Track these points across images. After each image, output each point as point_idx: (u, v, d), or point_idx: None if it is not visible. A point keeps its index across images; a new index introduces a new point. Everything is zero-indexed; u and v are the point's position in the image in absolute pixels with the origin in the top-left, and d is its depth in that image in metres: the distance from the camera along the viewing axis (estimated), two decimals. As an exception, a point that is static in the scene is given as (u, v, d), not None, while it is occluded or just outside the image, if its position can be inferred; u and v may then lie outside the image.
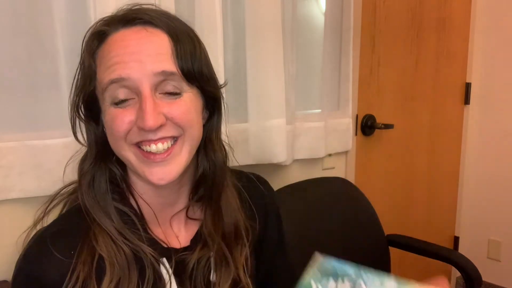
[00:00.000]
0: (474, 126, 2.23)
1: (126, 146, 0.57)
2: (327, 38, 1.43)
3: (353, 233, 1.37)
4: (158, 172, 0.57)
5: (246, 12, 1.16)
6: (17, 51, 0.86)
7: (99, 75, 0.57)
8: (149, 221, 0.64)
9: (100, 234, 0.58)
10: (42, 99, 0.88)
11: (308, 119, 1.39)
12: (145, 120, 0.53)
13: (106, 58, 0.56)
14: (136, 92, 0.55)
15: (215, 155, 0.65)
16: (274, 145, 1.22)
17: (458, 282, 2.31)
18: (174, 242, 0.65)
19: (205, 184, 0.65)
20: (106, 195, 0.61)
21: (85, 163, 0.62)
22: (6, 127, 0.87)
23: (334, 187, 1.44)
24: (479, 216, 2.27)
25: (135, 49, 0.55)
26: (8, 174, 0.84)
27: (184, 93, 0.57)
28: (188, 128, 0.58)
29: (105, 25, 0.58)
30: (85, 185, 0.61)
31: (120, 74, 0.54)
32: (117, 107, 0.56)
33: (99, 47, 0.58)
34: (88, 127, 0.62)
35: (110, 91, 0.55)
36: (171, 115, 0.56)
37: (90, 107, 0.60)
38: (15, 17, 0.85)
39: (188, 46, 0.57)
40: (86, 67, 0.58)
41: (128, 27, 0.57)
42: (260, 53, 1.17)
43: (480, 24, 2.16)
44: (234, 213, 0.68)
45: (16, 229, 0.88)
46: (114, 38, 0.56)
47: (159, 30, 0.57)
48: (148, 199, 0.63)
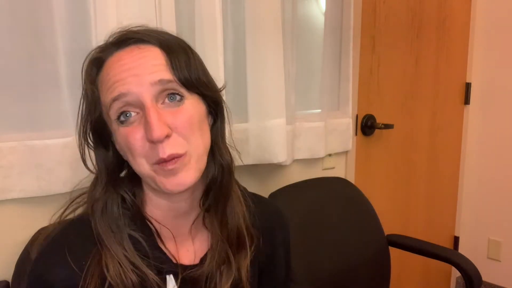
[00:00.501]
0: (474, 126, 2.24)
1: (145, 163, 0.57)
2: (327, 38, 1.43)
3: (353, 233, 1.38)
4: (174, 179, 0.57)
5: (246, 12, 1.16)
6: (17, 51, 0.85)
7: (102, 99, 0.58)
8: (163, 235, 0.64)
9: (110, 259, 0.58)
10: (42, 99, 0.88)
11: (308, 119, 1.39)
12: (152, 130, 0.53)
13: (105, 80, 0.58)
14: (139, 106, 0.56)
15: (222, 158, 0.65)
16: (274, 145, 1.22)
17: (458, 282, 2.31)
18: (184, 256, 0.66)
19: (214, 189, 0.65)
20: (119, 222, 0.61)
21: (96, 190, 0.62)
22: (6, 127, 0.86)
23: (334, 187, 1.44)
24: (479, 216, 2.27)
25: (131, 65, 0.56)
26: (8, 174, 0.84)
27: (185, 100, 0.58)
28: (191, 137, 0.58)
29: (100, 52, 0.60)
30: (98, 212, 0.61)
31: (120, 90, 0.55)
32: (125, 125, 0.57)
33: (98, 73, 0.59)
34: (97, 153, 0.63)
35: (113, 109, 0.56)
36: (175, 125, 0.56)
37: (99, 133, 0.61)
38: (15, 17, 0.85)
39: (181, 56, 0.58)
40: (89, 95, 0.59)
41: (122, 49, 0.58)
42: (260, 53, 1.17)
43: (480, 24, 2.16)
44: (238, 217, 0.68)
45: (16, 229, 0.88)
46: (110, 61, 0.58)
47: (150, 46, 0.58)
48: (162, 214, 0.64)
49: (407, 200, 1.98)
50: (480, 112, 2.22)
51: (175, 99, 0.57)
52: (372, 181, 1.78)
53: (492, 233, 2.24)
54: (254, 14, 1.16)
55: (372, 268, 1.39)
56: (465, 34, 2.15)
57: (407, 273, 1.98)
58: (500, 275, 2.21)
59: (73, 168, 0.90)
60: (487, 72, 2.17)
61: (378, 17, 1.69)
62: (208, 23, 1.03)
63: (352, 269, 1.34)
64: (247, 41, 1.17)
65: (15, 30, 0.85)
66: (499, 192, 2.19)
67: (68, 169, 0.89)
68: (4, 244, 0.87)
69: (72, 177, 0.90)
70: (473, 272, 1.26)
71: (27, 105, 0.88)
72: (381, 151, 1.80)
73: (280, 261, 0.78)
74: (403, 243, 1.46)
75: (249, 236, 0.69)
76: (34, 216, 0.89)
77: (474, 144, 2.24)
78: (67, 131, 0.89)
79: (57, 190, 0.89)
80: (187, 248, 0.67)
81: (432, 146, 2.05)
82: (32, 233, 0.85)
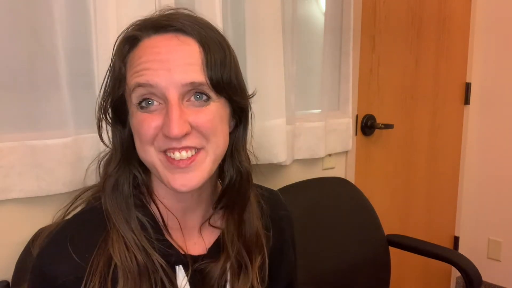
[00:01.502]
0: (474, 126, 2.24)
1: (153, 151, 0.57)
2: (327, 38, 1.43)
3: (353, 233, 1.38)
4: (180, 179, 0.56)
5: (246, 12, 1.16)
6: (17, 51, 0.85)
7: (128, 78, 0.57)
8: (170, 226, 0.64)
9: (117, 241, 0.58)
10: (42, 99, 0.88)
11: (308, 119, 1.39)
12: (170, 127, 0.53)
13: (136, 62, 0.56)
14: (164, 100, 0.55)
15: (241, 165, 0.65)
16: (274, 145, 1.22)
17: (458, 282, 2.31)
18: (192, 249, 0.65)
19: (230, 194, 0.65)
20: (129, 200, 0.61)
21: (110, 166, 0.62)
22: (6, 127, 0.86)
23: (334, 187, 1.44)
24: (479, 216, 2.27)
25: (165, 57, 0.55)
26: (8, 174, 0.84)
27: (211, 102, 0.57)
28: (212, 137, 0.57)
29: (137, 30, 0.58)
30: (109, 188, 0.60)
31: (148, 80, 0.54)
32: (144, 111, 0.56)
33: (130, 51, 0.58)
34: (114, 130, 0.62)
35: (136, 93, 0.56)
36: (196, 123, 0.56)
37: (118, 110, 0.60)
38: (15, 17, 0.85)
39: (218, 55, 0.57)
40: (117, 70, 0.58)
41: (160, 34, 0.57)
42: (260, 53, 1.17)
43: (480, 24, 2.16)
44: (255, 222, 0.68)
45: (16, 229, 0.88)
46: (145, 43, 0.57)
47: (190, 39, 0.57)
48: (169, 204, 0.64)
49: (407, 200, 1.98)
50: (480, 112, 2.22)
51: (201, 98, 0.56)
52: (372, 181, 1.78)
53: (492, 233, 2.24)
54: (254, 14, 1.16)
55: (372, 268, 1.39)
56: (465, 34, 2.15)
57: (407, 273, 1.98)
58: (500, 275, 2.21)
59: (73, 168, 0.90)
60: (487, 72, 2.17)
61: (378, 17, 1.69)
62: (208, 23, 1.03)
63: (352, 269, 1.34)
64: (247, 41, 1.17)
65: (15, 30, 0.85)
66: (499, 192, 2.19)
67: (68, 169, 0.89)
68: (4, 244, 0.87)
69: (72, 177, 0.90)
70: (473, 272, 1.26)
71: (27, 105, 0.87)
72: (381, 151, 1.80)
73: (287, 254, 0.77)
74: (403, 243, 1.46)
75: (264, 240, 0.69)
76: (34, 216, 0.89)
77: (474, 144, 2.24)
78: (67, 131, 0.89)
79: (57, 190, 0.88)
80: (195, 241, 0.66)
81: (432, 146, 2.05)
82: (32, 233, 0.85)
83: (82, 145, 0.92)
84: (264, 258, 0.69)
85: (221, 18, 1.04)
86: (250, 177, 0.67)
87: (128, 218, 0.59)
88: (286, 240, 0.77)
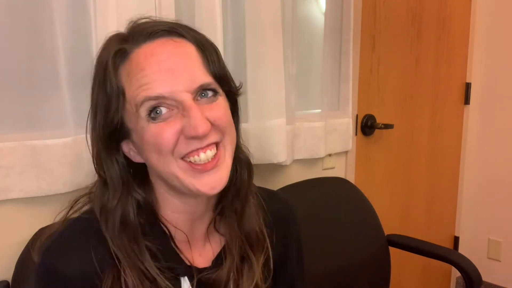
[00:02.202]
0: (474, 126, 2.23)
1: (174, 160, 0.55)
2: (327, 38, 1.43)
3: (353, 233, 1.38)
4: (209, 182, 0.56)
5: (246, 12, 1.16)
6: (17, 51, 0.85)
7: (129, 94, 0.55)
8: (177, 239, 0.62)
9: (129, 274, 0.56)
10: (42, 99, 0.88)
11: (308, 119, 1.39)
12: (197, 126, 0.52)
13: (138, 75, 0.54)
14: (176, 105, 0.54)
15: (241, 154, 0.65)
16: (274, 145, 1.22)
17: (458, 282, 2.31)
18: (197, 261, 0.64)
19: (232, 191, 0.64)
20: (137, 232, 0.58)
21: (109, 200, 0.58)
22: (6, 127, 0.87)
23: (334, 187, 1.44)
24: (479, 216, 2.27)
25: (168, 64, 0.54)
26: (8, 174, 0.84)
27: (218, 96, 0.58)
28: (228, 130, 0.58)
29: (123, 43, 0.56)
30: (116, 224, 0.57)
31: (159, 92, 0.53)
32: (157, 122, 0.54)
33: (120, 64, 0.56)
34: (111, 158, 0.58)
35: (145, 106, 0.53)
36: (213, 118, 0.55)
37: (115, 134, 0.57)
38: (15, 17, 0.85)
39: (211, 51, 0.58)
40: (111, 89, 0.55)
41: (152, 40, 0.55)
42: (260, 53, 1.17)
43: (480, 24, 2.16)
44: (254, 219, 0.67)
45: (16, 229, 0.88)
46: (140, 53, 0.55)
47: (184, 40, 0.56)
48: (176, 218, 0.62)
49: (407, 200, 1.98)
50: (480, 112, 2.21)
51: (207, 95, 0.56)
52: (372, 181, 1.78)
53: (492, 233, 2.24)
54: (254, 14, 1.16)
55: (372, 268, 1.39)
56: (465, 34, 2.15)
57: (407, 273, 1.98)
58: (500, 275, 2.21)
59: (73, 168, 0.90)
60: (487, 72, 2.17)
61: (378, 17, 1.69)
62: (208, 23, 1.03)
63: (352, 269, 1.34)
64: (247, 41, 1.17)
65: (15, 30, 0.85)
66: (499, 192, 2.18)
67: (68, 169, 0.89)
68: (4, 244, 0.87)
69: (72, 177, 0.90)
70: (473, 272, 1.26)
71: (27, 105, 0.88)
72: (381, 151, 1.80)
73: (292, 255, 0.77)
74: (403, 243, 1.46)
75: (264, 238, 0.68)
76: (34, 216, 0.89)
77: (474, 144, 2.24)
78: (67, 131, 0.89)
79: (57, 190, 0.88)
80: (200, 252, 0.66)
81: (432, 146, 2.05)
82: (32, 233, 0.85)
83: (82, 145, 0.92)
84: (267, 255, 0.68)
85: (221, 18, 1.04)
86: (251, 165, 0.67)
87: (139, 251, 0.57)
88: (290, 241, 0.76)
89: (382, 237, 1.44)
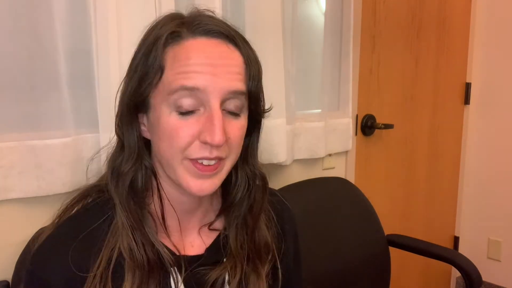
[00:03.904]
0: (474, 126, 2.24)
1: (181, 159, 0.56)
2: (327, 38, 1.43)
3: (353, 233, 1.38)
4: (201, 184, 0.57)
5: (246, 12, 1.16)
6: (17, 51, 0.85)
7: (168, 75, 0.55)
8: (169, 225, 0.64)
9: (126, 236, 0.58)
10: (42, 99, 0.88)
11: (308, 119, 1.39)
12: (215, 135, 0.53)
13: (182, 62, 0.55)
14: (204, 104, 0.55)
15: (259, 171, 0.67)
16: (274, 145, 1.22)
17: (458, 282, 2.31)
18: (188, 250, 0.65)
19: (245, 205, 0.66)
20: (142, 198, 0.61)
21: (123, 164, 0.60)
22: (6, 127, 0.86)
23: (334, 187, 1.44)
24: (479, 216, 2.27)
25: (214, 62, 0.55)
26: (8, 174, 0.84)
27: (242, 115, 0.59)
28: (236, 149, 0.59)
29: (181, 26, 0.57)
30: (124, 187, 0.59)
31: (196, 83, 0.54)
32: (180, 116, 0.55)
33: (171, 45, 0.56)
34: (131, 125, 0.60)
35: (177, 95, 0.54)
36: (229, 135, 0.56)
37: (140, 104, 0.58)
38: (15, 17, 0.85)
39: (256, 69, 0.59)
40: (153, 63, 0.56)
41: (208, 37, 0.56)
42: (260, 53, 1.16)
43: (480, 23, 2.16)
44: (264, 230, 0.69)
45: (16, 229, 0.88)
46: (193, 44, 0.56)
47: (237, 49, 0.58)
48: (170, 204, 0.63)
49: (407, 200, 1.98)
50: (480, 112, 2.22)
51: (236, 109, 0.57)
52: (372, 181, 1.78)
53: (492, 233, 2.24)
54: (254, 14, 1.16)
55: (372, 268, 1.39)
56: (465, 34, 2.15)
57: (407, 273, 1.98)
58: (500, 275, 2.21)
59: (73, 168, 0.90)
60: (487, 72, 2.17)
61: (378, 17, 1.69)
62: (208, 23, 1.03)
63: (352, 269, 1.34)
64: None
65: (15, 30, 0.85)
66: (499, 192, 2.19)
67: (68, 169, 0.89)
68: (4, 244, 0.87)
69: (72, 177, 0.90)
70: (473, 272, 1.26)
71: (27, 105, 0.88)
72: (381, 151, 1.80)
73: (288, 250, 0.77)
74: (403, 243, 1.46)
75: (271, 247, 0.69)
76: (34, 216, 0.89)
77: (474, 144, 2.24)
78: (67, 131, 0.89)
79: (57, 190, 0.88)
80: (191, 241, 0.66)
81: (432, 146, 2.05)
82: (32, 233, 0.85)
83: (82, 145, 0.92)
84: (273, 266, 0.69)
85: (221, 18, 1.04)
86: (267, 181, 0.69)
87: (142, 216, 0.59)
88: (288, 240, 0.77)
89: (382, 237, 1.44)
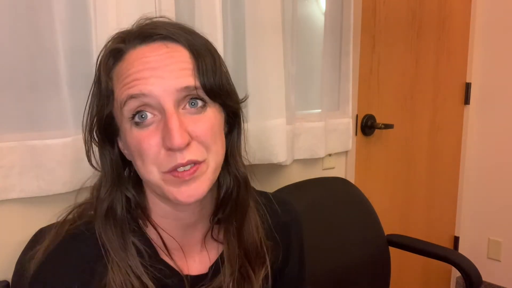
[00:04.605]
0: (474, 126, 2.24)
1: (156, 172, 0.54)
2: (327, 38, 1.43)
3: (353, 233, 1.38)
4: (186, 191, 0.54)
5: (246, 12, 1.16)
6: (17, 51, 0.85)
7: (117, 93, 0.55)
8: (170, 246, 0.62)
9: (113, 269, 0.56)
10: (42, 99, 0.88)
11: (308, 119, 1.39)
12: (172, 138, 0.51)
13: (124, 75, 0.54)
14: (159, 110, 0.53)
15: (238, 171, 0.63)
16: (274, 145, 1.22)
17: (458, 282, 2.31)
18: (193, 267, 0.64)
19: (229, 204, 0.63)
20: (123, 225, 0.58)
21: (101, 190, 0.59)
22: (6, 127, 0.86)
23: (334, 187, 1.44)
24: (479, 216, 2.27)
25: (156, 65, 0.53)
26: (8, 174, 0.84)
27: (208, 108, 0.56)
28: (213, 146, 0.56)
29: (121, 42, 0.56)
30: (101, 214, 0.58)
31: (140, 89, 0.52)
32: (140, 128, 0.53)
33: (115, 65, 0.56)
34: (103, 152, 0.59)
35: (128, 106, 0.53)
36: (195, 133, 0.54)
37: (106, 129, 0.57)
38: (15, 17, 0.85)
39: (208, 60, 0.55)
40: (103, 86, 0.55)
41: (147, 43, 0.55)
42: (260, 53, 1.17)
43: (480, 24, 2.16)
44: (254, 231, 0.66)
45: (16, 229, 0.88)
46: (132, 55, 0.54)
47: (179, 45, 0.55)
48: (168, 224, 0.62)
49: (407, 200, 1.98)
50: (480, 112, 2.22)
51: (197, 105, 0.54)
52: (372, 181, 1.78)
53: (492, 233, 2.24)
54: (254, 14, 1.15)
55: (372, 268, 1.39)
56: (465, 34, 2.15)
57: (407, 273, 1.98)
58: (500, 275, 2.21)
59: (73, 168, 0.90)
60: (487, 72, 2.17)
61: (378, 17, 1.69)
62: (208, 23, 1.03)
63: (352, 269, 1.34)
64: (247, 41, 1.16)
65: (15, 29, 0.85)
66: (499, 192, 2.19)
67: (68, 169, 0.89)
68: (4, 244, 0.87)
69: (72, 177, 0.89)
70: (473, 272, 1.26)
71: (27, 105, 0.87)
72: (381, 151, 1.80)
73: (294, 256, 0.76)
74: (403, 243, 1.46)
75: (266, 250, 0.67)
76: (34, 216, 0.89)
77: (474, 144, 2.24)
78: (67, 131, 0.89)
79: (57, 190, 0.88)
80: (195, 258, 0.65)
81: (432, 146, 2.05)
82: (32, 233, 0.85)
83: (82, 145, 0.92)
84: (267, 269, 0.67)
85: (221, 18, 1.04)
86: (248, 183, 0.65)
87: (124, 245, 0.57)
88: (292, 244, 0.75)
89: (382, 237, 1.44)
